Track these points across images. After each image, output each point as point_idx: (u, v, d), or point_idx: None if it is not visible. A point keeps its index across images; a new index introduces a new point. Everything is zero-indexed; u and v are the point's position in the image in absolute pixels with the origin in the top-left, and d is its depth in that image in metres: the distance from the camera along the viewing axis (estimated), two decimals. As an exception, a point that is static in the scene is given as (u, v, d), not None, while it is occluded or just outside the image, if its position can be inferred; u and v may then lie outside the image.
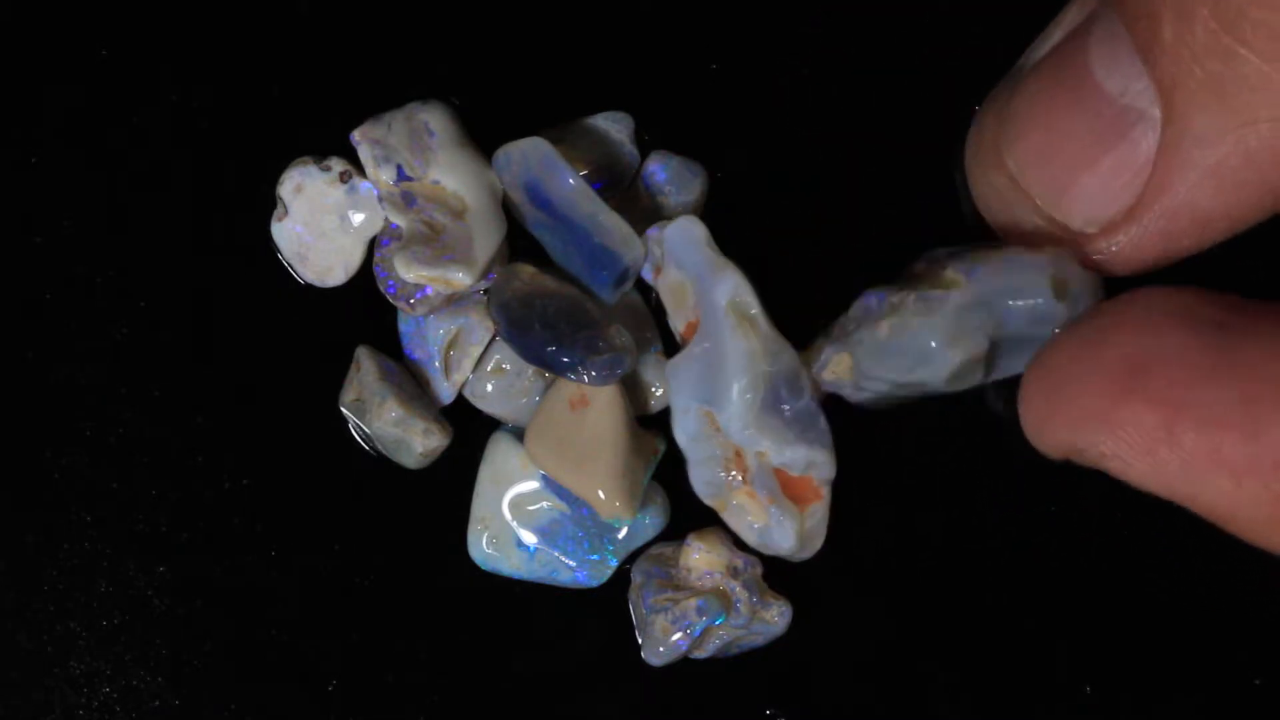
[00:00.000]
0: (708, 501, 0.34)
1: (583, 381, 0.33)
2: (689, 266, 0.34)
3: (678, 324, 0.35)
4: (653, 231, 0.34)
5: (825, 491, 0.34)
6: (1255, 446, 0.24)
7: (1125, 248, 0.26)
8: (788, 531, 0.33)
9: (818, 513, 0.34)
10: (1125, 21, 0.25)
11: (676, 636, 0.34)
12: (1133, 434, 0.25)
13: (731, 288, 0.33)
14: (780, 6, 0.36)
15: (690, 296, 0.34)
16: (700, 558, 0.34)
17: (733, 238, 0.35)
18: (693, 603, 0.34)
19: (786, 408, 0.33)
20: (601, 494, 0.34)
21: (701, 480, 0.34)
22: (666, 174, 0.35)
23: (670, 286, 0.34)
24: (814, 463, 0.33)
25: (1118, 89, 0.26)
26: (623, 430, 0.34)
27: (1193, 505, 0.25)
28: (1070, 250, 0.28)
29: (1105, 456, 0.26)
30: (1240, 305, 0.25)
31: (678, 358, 0.34)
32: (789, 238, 0.36)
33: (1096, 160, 0.26)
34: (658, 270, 0.35)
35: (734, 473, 0.34)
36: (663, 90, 0.36)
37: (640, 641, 0.34)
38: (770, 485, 0.33)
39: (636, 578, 0.35)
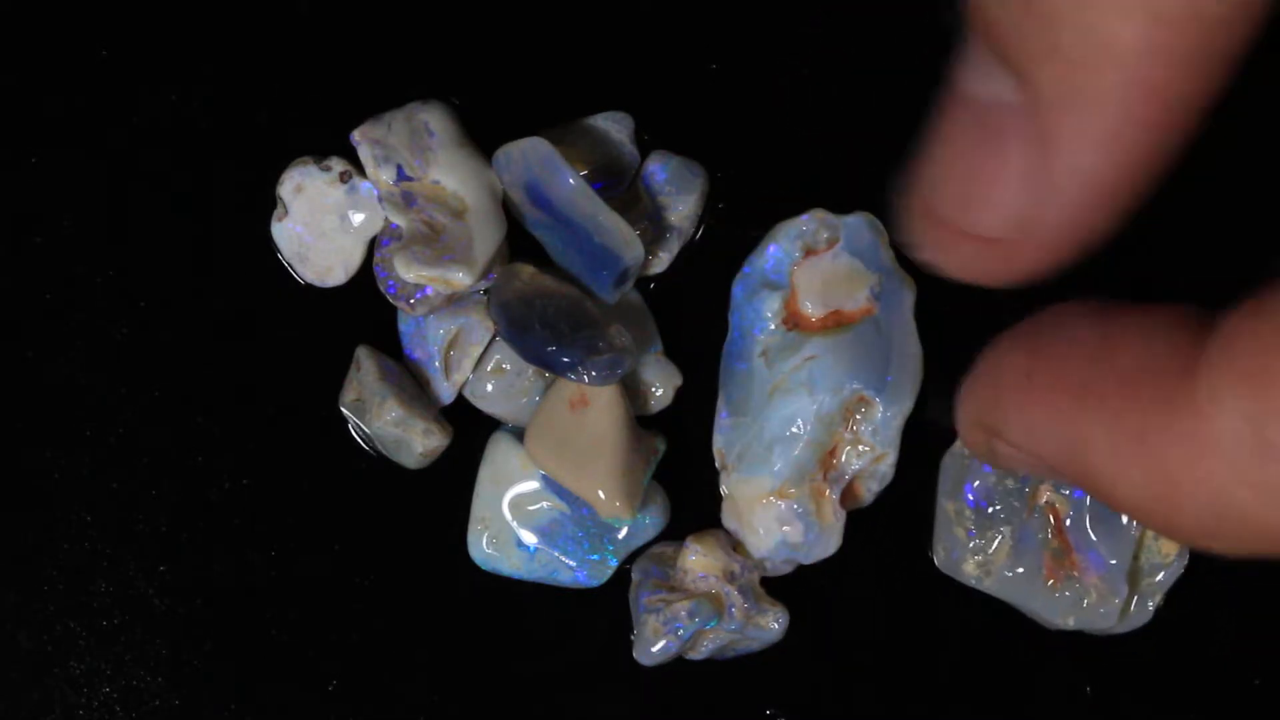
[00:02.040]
0: (753, 486, 0.34)
1: (583, 381, 0.33)
2: (874, 262, 0.34)
3: (814, 308, 0.35)
4: (824, 216, 0.35)
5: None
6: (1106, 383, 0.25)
7: (1051, 239, 0.26)
8: (837, 538, 0.34)
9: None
10: (972, 23, 0.26)
11: (665, 639, 0.34)
12: (1019, 405, 0.27)
13: (914, 295, 0.34)
14: (780, 6, 0.36)
15: (864, 288, 0.34)
16: (697, 560, 0.34)
17: (732, 237, 0.36)
18: (684, 605, 0.34)
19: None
20: (601, 494, 0.33)
21: (786, 461, 0.34)
22: (666, 174, 0.35)
23: (835, 271, 0.34)
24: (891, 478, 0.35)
25: (984, 90, 0.26)
26: (623, 430, 0.34)
27: (1070, 475, 0.26)
28: None
29: (1001, 431, 0.28)
30: (1128, 306, 0.26)
31: (838, 337, 0.34)
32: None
33: (989, 167, 0.27)
34: (811, 250, 0.35)
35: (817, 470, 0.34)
36: (663, 90, 0.36)
37: (633, 641, 0.34)
38: (841, 490, 0.34)
39: (636, 575, 0.35)
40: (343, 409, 0.35)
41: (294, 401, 0.36)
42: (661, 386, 0.35)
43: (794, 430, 0.34)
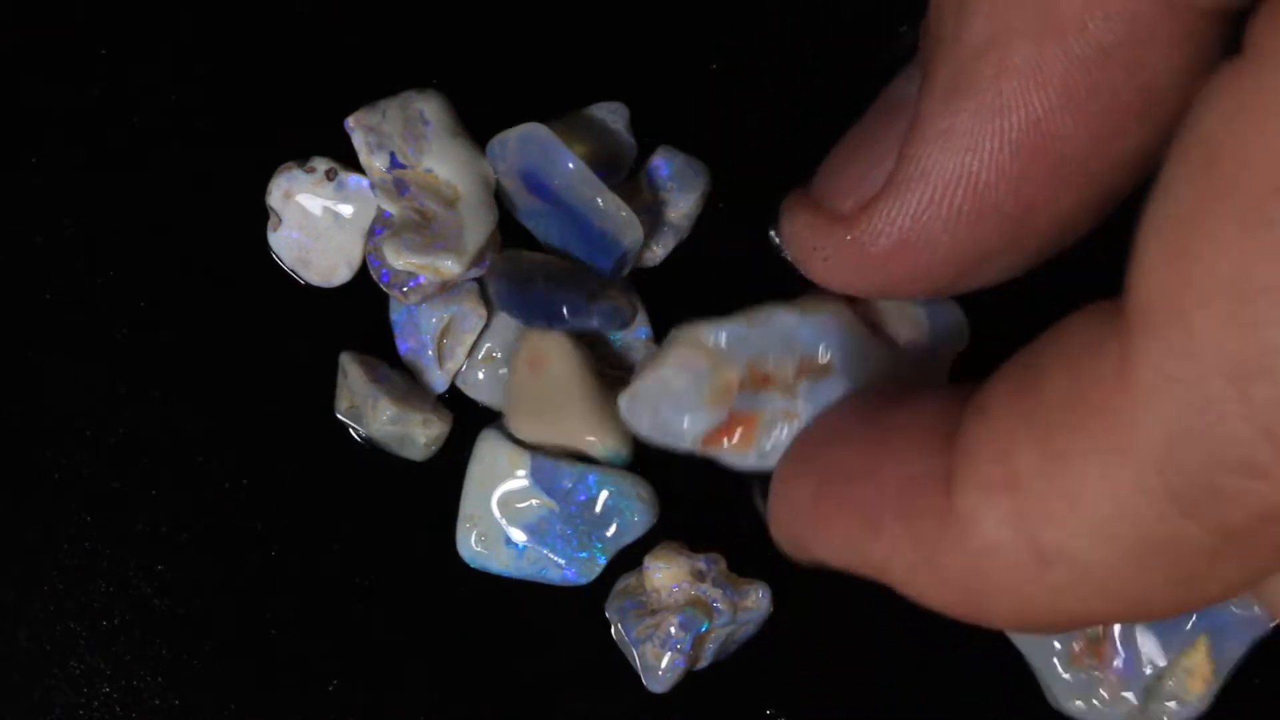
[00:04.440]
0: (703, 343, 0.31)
1: (588, 326, 0.33)
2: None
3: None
4: None
5: None
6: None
7: (893, 226, 0.26)
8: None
9: None
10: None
11: (669, 657, 0.34)
12: (813, 530, 0.26)
13: None
14: (782, 6, 0.36)
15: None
16: (663, 575, 0.34)
17: (732, 237, 0.36)
18: (674, 620, 0.34)
19: None
20: (590, 437, 0.33)
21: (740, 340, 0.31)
22: (670, 170, 0.35)
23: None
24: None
25: (900, 88, 0.26)
26: (586, 373, 0.33)
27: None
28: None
29: (810, 552, 0.27)
30: (892, 401, 0.26)
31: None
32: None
33: (856, 145, 0.27)
34: None
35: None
36: (663, 90, 0.36)
37: (641, 675, 0.34)
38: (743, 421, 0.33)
39: (612, 618, 0.35)
40: (341, 418, 0.35)
41: (294, 401, 0.36)
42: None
43: (776, 336, 0.30)
